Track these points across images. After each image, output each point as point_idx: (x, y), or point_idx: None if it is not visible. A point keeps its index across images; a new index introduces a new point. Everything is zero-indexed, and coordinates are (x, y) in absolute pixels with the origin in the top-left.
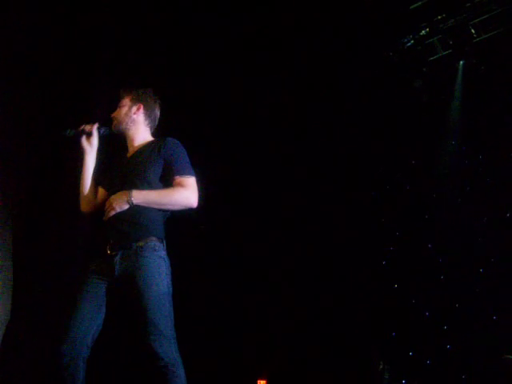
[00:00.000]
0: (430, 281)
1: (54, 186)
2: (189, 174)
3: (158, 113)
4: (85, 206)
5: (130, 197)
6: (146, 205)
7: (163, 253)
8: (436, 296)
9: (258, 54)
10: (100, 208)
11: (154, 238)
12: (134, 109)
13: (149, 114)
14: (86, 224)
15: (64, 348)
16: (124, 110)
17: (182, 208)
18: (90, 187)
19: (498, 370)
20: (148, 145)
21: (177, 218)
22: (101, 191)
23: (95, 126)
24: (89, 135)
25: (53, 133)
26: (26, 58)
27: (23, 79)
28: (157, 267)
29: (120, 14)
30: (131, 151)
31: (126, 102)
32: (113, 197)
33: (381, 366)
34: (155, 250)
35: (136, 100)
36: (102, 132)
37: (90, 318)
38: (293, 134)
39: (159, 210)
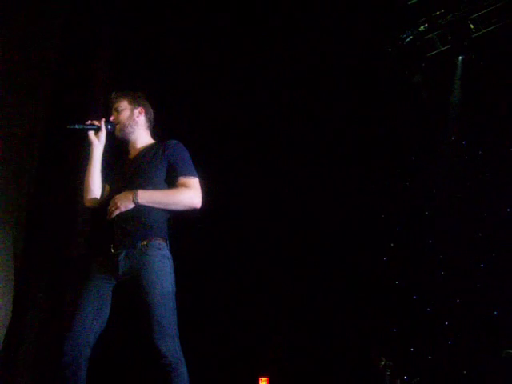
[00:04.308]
0: (431, 276)
1: (55, 185)
2: (192, 175)
3: (152, 114)
4: (90, 202)
5: (136, 196)
6: (150, 205)
7: (167, 252)
8: (437, 291)
9: (257, 51)
10: (104, 206)
11: (158, 238)
12: (136, 112)
13: (148, 117)
14: (88, 223)
15: (66, 347)
16: (126, 113)
17: (186, 209)
18: (98, 183)
19: (499, 365)
20: (150, 147)
21: (176, 218)
22: (107, 189)
23: (103, 121)
24: (97, 130)
25: (60, 127)
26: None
27: (23, 81)
28: (161, 266)
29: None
30: (134, 153)
31: (125, 105)
32: (117, 196)
33: (382, 363)
34: (159, 249)
35: (135, 103)
36: (109, 128)
37: (93, 317)
38: (290, 131)
39: (163, 210)
